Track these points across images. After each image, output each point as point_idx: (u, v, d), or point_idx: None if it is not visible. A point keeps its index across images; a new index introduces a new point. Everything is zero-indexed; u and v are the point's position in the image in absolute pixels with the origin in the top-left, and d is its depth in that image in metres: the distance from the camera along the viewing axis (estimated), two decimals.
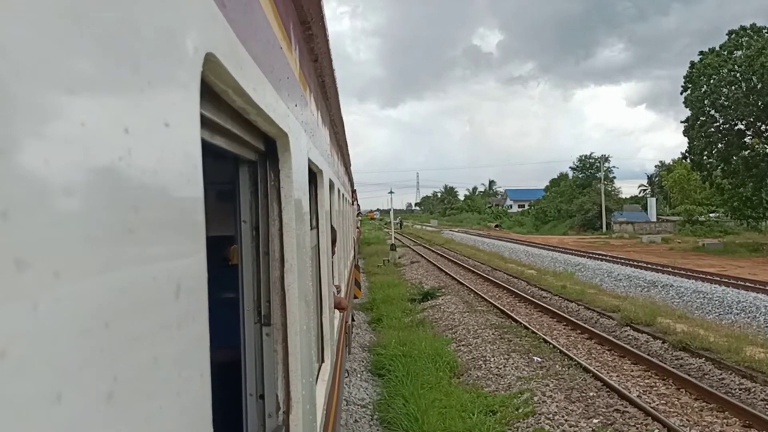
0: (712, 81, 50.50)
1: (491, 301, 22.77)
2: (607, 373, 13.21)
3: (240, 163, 2.52)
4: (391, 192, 55.30)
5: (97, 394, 0.78)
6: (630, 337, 16.74)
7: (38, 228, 0.67)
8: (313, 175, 4.56)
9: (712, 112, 51.42)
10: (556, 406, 11.09)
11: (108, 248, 0.83)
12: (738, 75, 49.04)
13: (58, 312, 0.70)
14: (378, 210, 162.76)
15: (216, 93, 1.66)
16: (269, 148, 2.60)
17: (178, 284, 1.08)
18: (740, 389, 12.01)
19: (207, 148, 1.70)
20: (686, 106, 53.31)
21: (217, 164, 3.27)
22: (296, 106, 3.08)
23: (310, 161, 3.62)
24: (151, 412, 0.96)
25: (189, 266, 1.17)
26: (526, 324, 18.09)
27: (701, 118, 51.77)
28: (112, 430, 0.82)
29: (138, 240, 0.92)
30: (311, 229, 3.95)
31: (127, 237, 0.88)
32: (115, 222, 0.85)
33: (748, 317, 19.34)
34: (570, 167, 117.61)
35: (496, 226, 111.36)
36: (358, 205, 38.69)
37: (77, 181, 0.76)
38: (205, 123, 1.62)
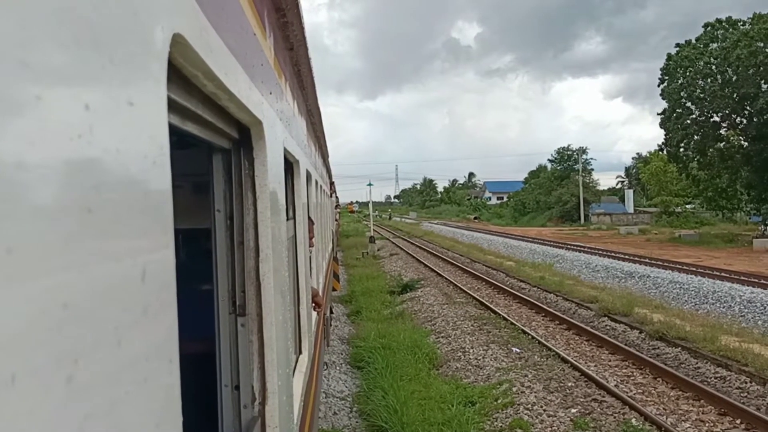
0: (688, 73, 50.82)
1: (470, 292, 22.84)
2: (585, 363, 13.33)
3: (213, 151, 2.48)
4: (370, 184, 55.17)
5: (55, 377, 0.75)
6: (608, 327, 16.89)
7: None
8: (290, 165, 4.52)
9: (689, 104, 51.79)
10: (535, 396, 11.16)
11: (65, 226, 0.80)
12: (714, 67, 49.41)
13: (10, 289, 0.67)
14: (357, 202, 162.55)
15: (186, 77, 1.63)
16: (243, 136, 2.56)
17: (143, 267, 1.05)
18: (715, 378, 12.16)
19: (179, 135, 1.67)
20: (663, 98, 53.63)
21: (193, 157, 3.22)
22: (271, 93, 3.05)
23: (286, 150, 3.58)
24: (116, 397, 0.93)
25: (155, 248, 1.14)
26: (505, 315, 18.18)
27: (678, 111, 52.13)
28: (73, 414, 0.80)
29: (98, 220, 0.89)
30: (288, 219, 3.92)
31: (86, 216, 0.85)
32: (74, 199, 0.82)
33: (723, 307, 19.58)
34: (548, 159, 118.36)
35: (475, 218, 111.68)
36: (336, 197, 38.58)
37: (32, 154, 0.73)
38: (175, 107, 1.59)
